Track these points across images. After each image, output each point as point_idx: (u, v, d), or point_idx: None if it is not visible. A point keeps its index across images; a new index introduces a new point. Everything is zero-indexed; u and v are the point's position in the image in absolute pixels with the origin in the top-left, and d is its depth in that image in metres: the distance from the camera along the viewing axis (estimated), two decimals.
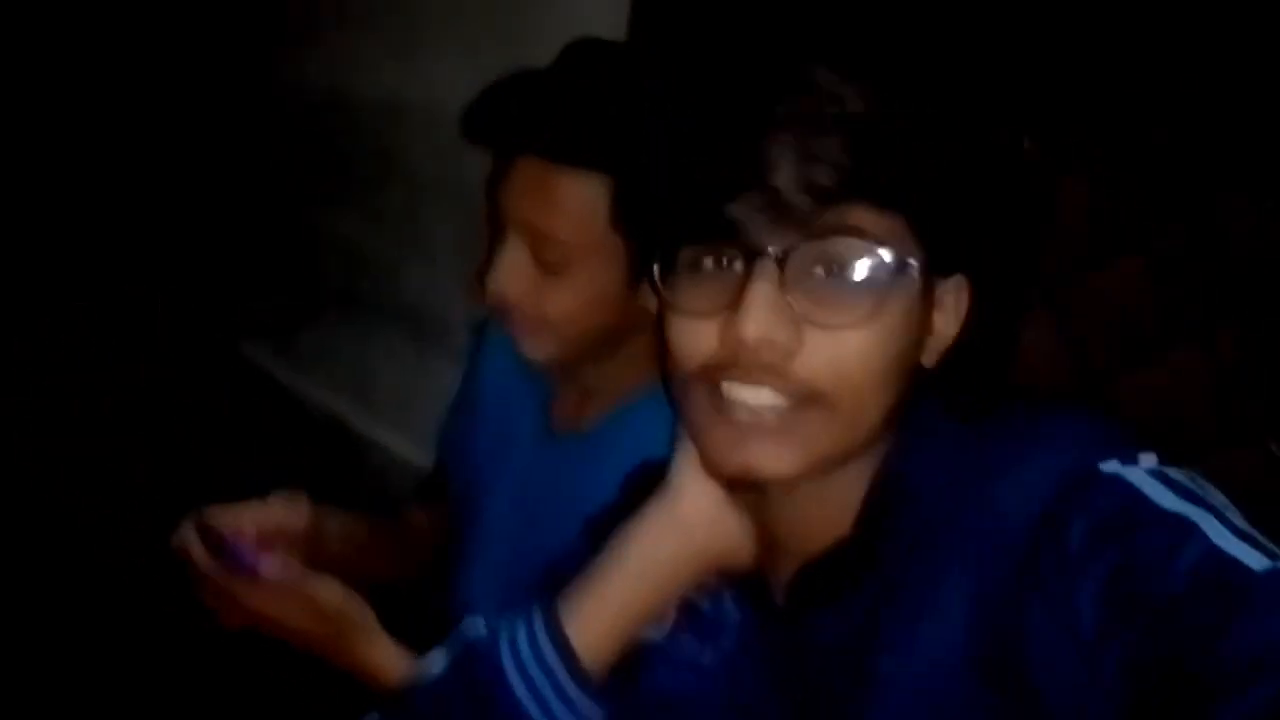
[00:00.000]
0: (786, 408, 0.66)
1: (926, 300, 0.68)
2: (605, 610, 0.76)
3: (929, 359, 0.71)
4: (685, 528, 0.75)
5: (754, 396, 0.66)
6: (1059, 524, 0.61)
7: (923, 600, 0.66)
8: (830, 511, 0.71)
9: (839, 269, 0.64)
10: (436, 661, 0.80)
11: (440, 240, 2.26)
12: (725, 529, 0.76)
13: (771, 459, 0.66)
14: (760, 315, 0.63)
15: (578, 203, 0.94)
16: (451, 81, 2.15)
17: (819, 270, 0.64)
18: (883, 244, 0.64)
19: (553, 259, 0.96)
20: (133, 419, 2.97)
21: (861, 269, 0.64)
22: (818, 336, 0.64)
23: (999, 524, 0.64)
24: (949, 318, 0.71)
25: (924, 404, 0.71)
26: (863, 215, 0.64)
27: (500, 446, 1.15)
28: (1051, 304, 1.16)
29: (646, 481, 0.83)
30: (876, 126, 0.63)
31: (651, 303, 0.96)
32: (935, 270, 0.68)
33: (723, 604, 0.79)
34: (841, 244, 0.64)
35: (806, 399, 0.65)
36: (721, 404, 0.67)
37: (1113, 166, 1.15)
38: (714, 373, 0.67)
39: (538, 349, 1.01)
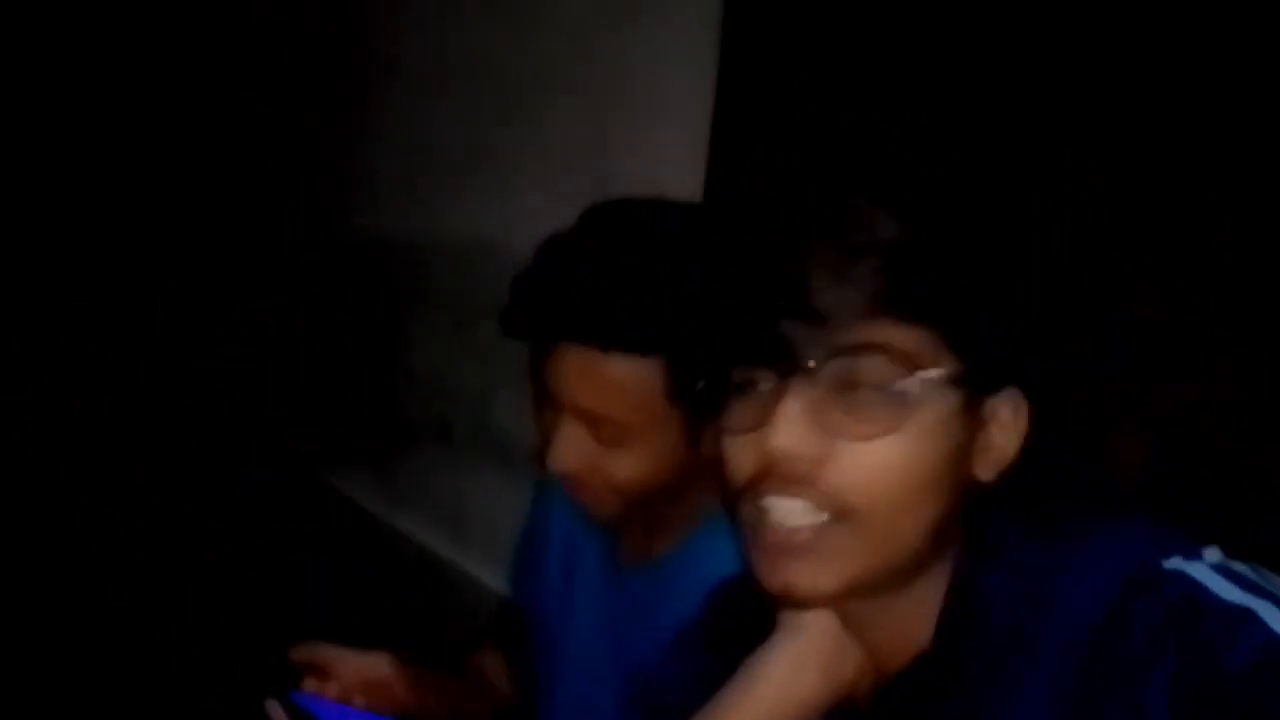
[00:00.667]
0: (820, 524, 0.67)
1: (972, 415, 0.69)
2: None
3: (986, 473, 0.71)
4: (820, 663, 0.75)
5: (789, 508, 0.68)
6: (1123, 623, 0.62)
7: (1002, 712, 0.67)
8: (907, 627, 0.72)
9: (867, 383, 0.66)
10: None
11: (523, 371, 2.31)
12: (853, 658, 0.76)
13: (808, 578, 0.68)
14: (788, 428, 0.66)
15: (630, 385, 0.93)
16: (540, 220, 2.24)
17: (848, 384, 0.67)
18: (910, 358, 0.66)
19: (611, 435, 0.95)
20: (229, 549, 3.01)
21: (888, 382, 0.66)
22: (848, 449, 0.66)
23: (1066, 628, 0.65)
24: (1007, 433, 0.71)
25: (994, 516, 0.72)
26: (891, 331, 0.66)
27: (570, 584, 1.15)
28: (1141, 415, 1.15)
29: (728, 597, 0.85)
30: (905, 248, 0.66)
31: (714, 450, 0.99)
32: (982, 384, 0.69)
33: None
34: (869, 359, 0.66)
35: (839, 513, 0.67)
36: (761, 521, 0.69)
37: (1186, 269, 1.15)
38: (754, 487, 0.69)
39: (602, 511, 1.01)
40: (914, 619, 0.72)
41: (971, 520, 0.71)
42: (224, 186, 3.67)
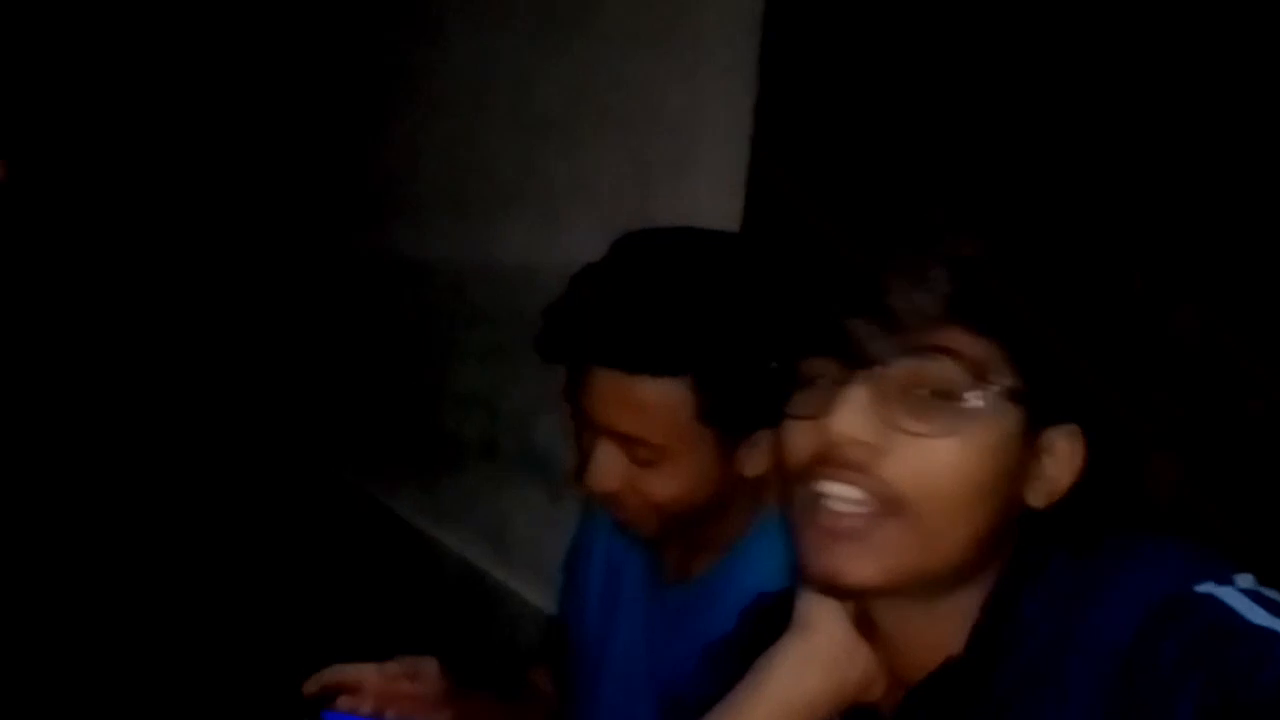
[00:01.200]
0: (870, 513, 0.68)
1: (1029, 440, 0.69)
2: None
3: (1036, 500, 0.71)
4: (824, 662, 0.76)
5: (842, 494, 0.69)
6: (1152, 646, 0.62)
7: None
8: (938, 635, 0.72)
9: (932, 385, 0.67)
10: None
11: None
12: (861, 661, 0.77)
13: (853, 565, 0.69)
14: (848, 414, 0.67)
15: (663, 407, 0.96)
16: (584, 248, 2.28)
17: (913, 385, 0.68)
18: (976, 367, 0.67)
19: (645, 456, 0.98)
20: (275, 563, 3.05)
21: (952, 387, 0.67)
22: (905, 443, 0.67)
23: (1097, 652, 0.65)
24: (1061, 465, 0.71)
25: (1036, 537, 0.72)
26: (961, 338, 0.67)
27: (613, 601, 1.18)
28: (1181, 448, 1.15)
29: (763, 612, 0.87)
30: (982, 261, 0.67)
31: (750, 466, 1.01)
32: (1042, 413, 0.69)
33: None
34: (936, 362, 0.67)
35: (890, 504, 0.68)
36: (814, 505, 0.70)
37: (1229, 297, 1.17)
38: (811, 470, 0.70)
39: (641, 529, 1.04)
40: (946, 628, 0.72)
41: (1018, 542, 0.72)
42: (275, 210, 3.74)
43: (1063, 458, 0.70)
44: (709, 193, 1.89)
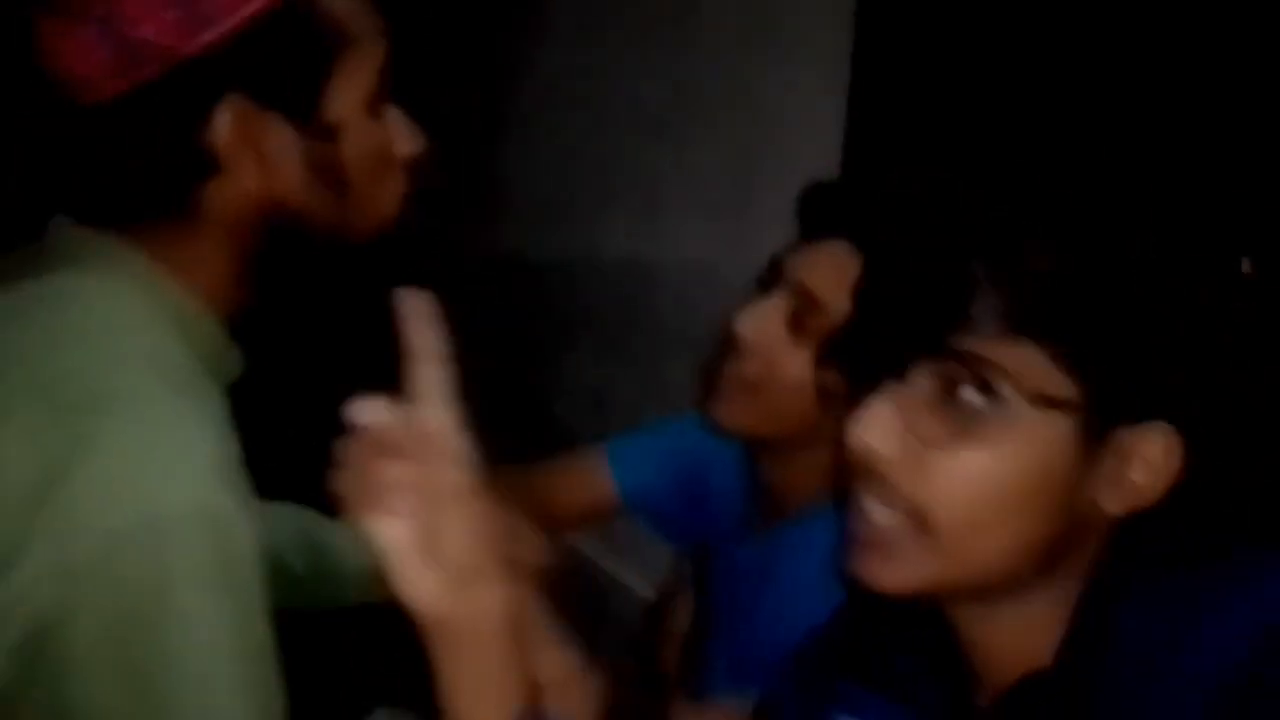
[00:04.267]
0: (897, 525, 0.67)
1: (1095, 442, 0.65)
2: None
3: (1113, 506, 0.67)
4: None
5: (871, 505, 0.68)
6: (1271, 672, 0.60)
7: None
8: (1024, 643, 0.70)
9: (962, 393, 0.64)
10: None
11: (676, 384, 2.40)
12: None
13: (881, 574, 0.68)
14: (870, 427, 0.66)
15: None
16: (690, 240, 2.33)
17: (943, 393, 0.65)
18: (1011, 373, 0.63)
19: (808, 325, 1.04)
20: None
21: (981, 395, 0.64)
22: (934, 457, 0.65)
23: (1203, 671, 0.62)
24: (1150, 472, 0.66)
25: (1133, 546, 0.69)
26: (999, 347, 0.63)
27: (720, 541, 1.23)
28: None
29: (855, 608, 0.85)
30: (1038, 276, 0.63)
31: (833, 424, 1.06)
32: (1112, 413, 0.65)
33: None
34: (963, 370, 0.64)
35: (916, 520, 0.66)
36: (854, 508, 0.70)
37: None
38: (852, 475, 0.69)
39: (737, 415, 1.09)
40: (1035, 638, 0.69)
41: (1107, 548, 0.69)
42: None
43: (1153, 462, 0.66)
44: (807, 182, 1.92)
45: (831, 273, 1.03)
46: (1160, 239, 0.66)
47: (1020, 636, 0.70)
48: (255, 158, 0.79)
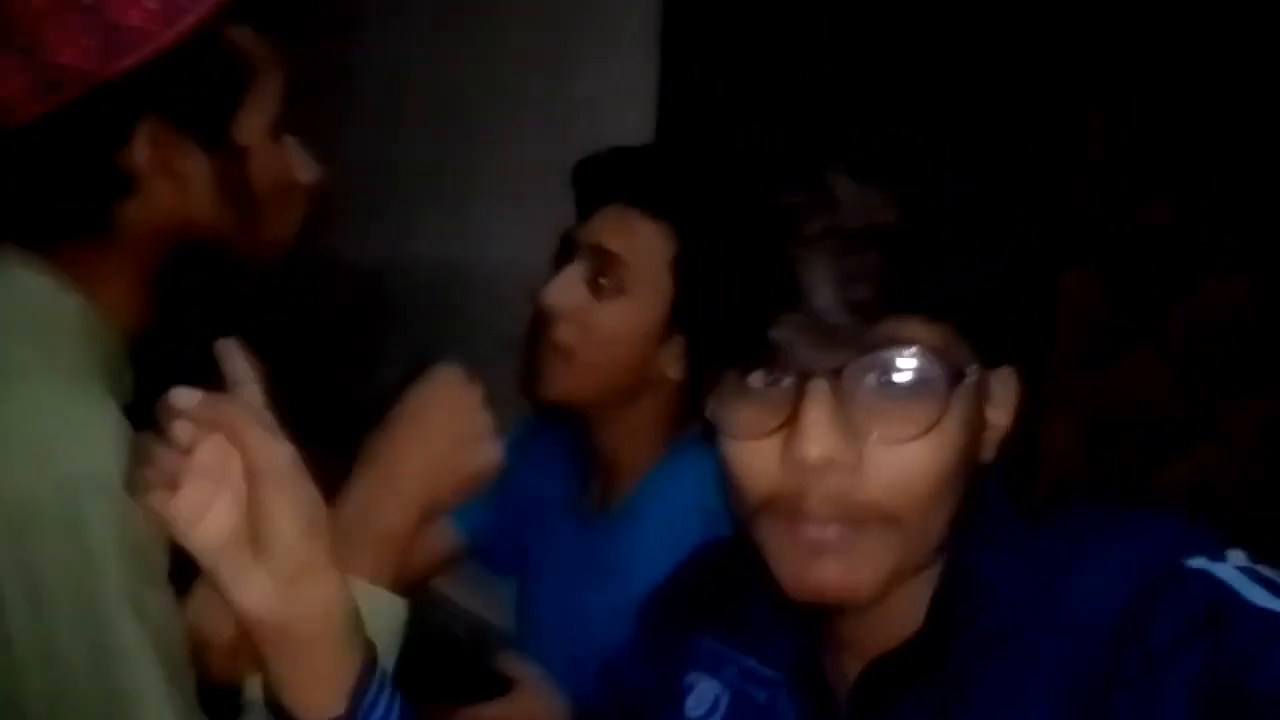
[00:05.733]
0: (852, 526, 0.63)
1: (981, 399, 0.67)
2: None
3: (987, 453, 0.68)
4: None
5: (821, 513, 0.63)
6: (1144, 620, 0.60)
7: (996, 700, 0.64)
8: (899, 611, 0.68)
9: (895, 382, 0.62)
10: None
11: (498, 387, 2.35)
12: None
13: (841, 579, 0.64)
14: (819, 434, 0.61)
15: (646, 237, 1.07)
16: (502, 237, 2.28)
17: (874, 384, 0.62)
18: (937, 352, 0.62)
19: (609, 283, 1.08)
20: None
21: (919, 380, 0.62)
22: (879, 452, 0.63)
23: (1079, 620, 0.62)
24: (1000, 410, 0.68)
25: (988, 500, 0.69)
26: (912, 326, 0.62)
27: (543, 534, 1.22)
28: (1069, 401, 1.18)
29: (703, 567, 0.85)
30: (909, 235, 0.61)
31: (669, 368, 1.08)
32: (985, 365, 0.66)
33: (778, 700, 0.76)
34: (894, 356, 0.62)
35: (871, 514, 0.63)
36: (790, 524, 0.64)
37: (1114, 254, 1.19)
38: (780, 496, 0.64)
39: (559, 382, 1.10)
40: (908, 602, 0.68)
41: (972, 509, 0.68)
42: None
43: (1002, 403, 0.68)
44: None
45: (620, 227, 1.09)
46: (985, 181, 0.67)
47: (894, 608, 0.68)
48: (170, 178, 0.83)
